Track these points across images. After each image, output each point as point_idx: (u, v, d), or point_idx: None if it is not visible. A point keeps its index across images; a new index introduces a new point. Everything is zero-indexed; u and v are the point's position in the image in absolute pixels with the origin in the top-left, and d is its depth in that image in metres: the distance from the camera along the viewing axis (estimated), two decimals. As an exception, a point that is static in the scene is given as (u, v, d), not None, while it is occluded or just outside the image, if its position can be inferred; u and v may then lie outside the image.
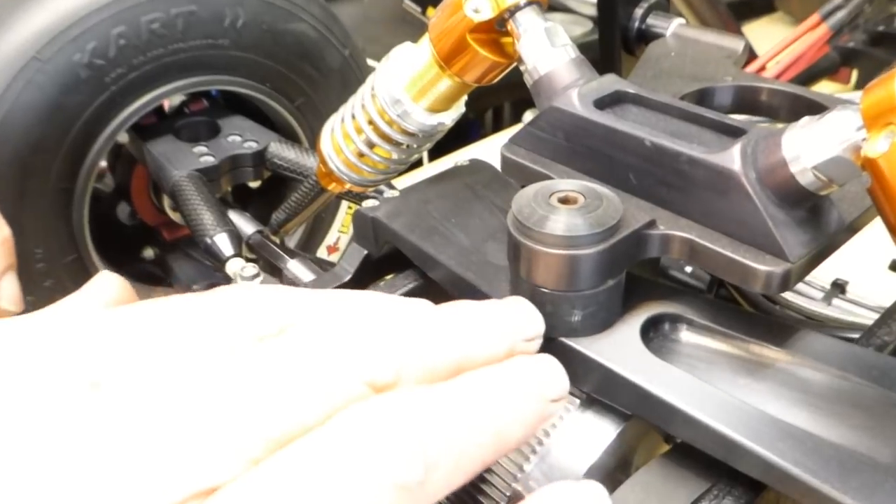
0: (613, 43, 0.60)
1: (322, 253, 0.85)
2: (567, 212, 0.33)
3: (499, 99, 1.73)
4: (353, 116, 0.49)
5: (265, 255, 0.62)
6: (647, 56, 0.54)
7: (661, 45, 0.56)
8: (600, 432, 0.37)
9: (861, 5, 0.88)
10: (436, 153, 1.14)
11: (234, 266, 0.56)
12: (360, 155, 0.50)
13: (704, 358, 0.36)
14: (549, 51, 0.40)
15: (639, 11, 0.60)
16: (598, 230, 0.32)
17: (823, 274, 0.66)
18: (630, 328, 0.36)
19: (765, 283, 0.32)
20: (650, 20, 0.60)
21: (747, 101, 0.47)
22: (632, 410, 0.35)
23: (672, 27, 0.58)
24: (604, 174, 0.38)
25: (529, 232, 0.33)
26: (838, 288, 0.65)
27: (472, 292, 0.40)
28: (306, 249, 0.82)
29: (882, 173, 0.28)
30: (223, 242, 0.59)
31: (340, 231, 0.85)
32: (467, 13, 0.41)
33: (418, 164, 1.12)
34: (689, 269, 0.67)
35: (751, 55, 0.98)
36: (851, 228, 0.35)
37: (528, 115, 0.61)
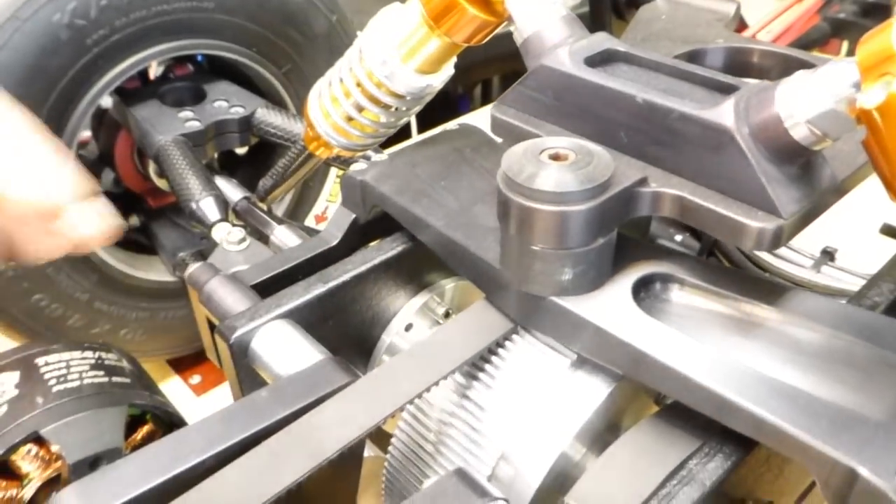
0: (604, 7, 0.60)
1: (310, 222, 0.84)
2: (557, 168, 0.32)
3: (488, 73, 1.71)
4: (341, 79, 0.48)
5: (252, 222, 0.61)
6: (637, 19, 0.54)
7: (651, 8, 0.55)
8: (590, 393, 0.36)
9: (853, -27, 0.87)
10: (425, 125, 1.13)
11: (221, 231, 0.55)
12: (349, 118, 0.49)
13: (696, 317, 0.36)
14: (538, 8, 0.39)
15: (630, -26, 0.59)
16: (589, 186, 0.32)
17: (813, 241, 0.66)
18: (621, 288, 0.35)
19: (756, 239, 0.32)
20: (642, -17, 0.59)
21: (739, 62, 0.46)
22: (623, 370, 0.34)
23: (664, -10, 0.57)
24: (594, 133, 0.37)
25: (519, 188, 0.32)
26: (827, 255, 0.65)
27: (460, 253, 0.39)
28: (294, 218, 0.81)
29: (877, 124, 0.27)
30: (209, 207, 0.58)
31: (328, 200, 0.84)
32: (456, -31, 0.40)
33: (406, 135, 1.11)
34: (678, 237, 0.67)
35: (741, 25, 0.97)
36: (844, 187, 0.35)
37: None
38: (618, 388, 0.37)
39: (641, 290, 0.36)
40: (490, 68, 1.67)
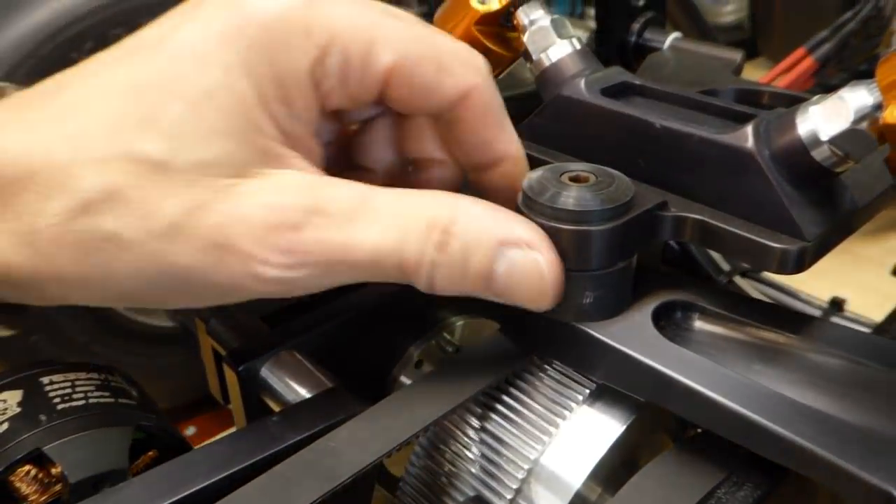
0: (611, 55, 0.61)
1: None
2: (578, 188, 0.32)
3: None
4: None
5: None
6: (645, 65, 0.55)
7: (659, 55, 0.56)
8: (607, 427, 0.35)
9: (846, 37, 0.89)
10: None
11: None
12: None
13: (718, 345, 0.35)
14: (555, 41, 0.40)
15: (636, 26, 0.61)
16: (611, 206, 0.32)
17: (822, 291, 0.66)
18: (642, 315, 0.35)
19: (780, 261, 0.32)
20: (647, 34, 0.61)
21: (749, 104, 0.47)
22: (646, 397, 0.33)
23: (669, 40, 0.58)
24: (612, 161, 0.37)
25: (541, 208, 0.32)
26: (837, 305, 0.64)
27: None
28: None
29: (902, 140, 0.28)
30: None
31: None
32: (473, 4, 0.41)
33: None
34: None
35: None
36: (864, 214, 0.35)
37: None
38: (635, 422, 0.36)
39: (662, 317, 0.35)
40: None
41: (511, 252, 0.30)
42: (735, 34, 1.69)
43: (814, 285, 0.66)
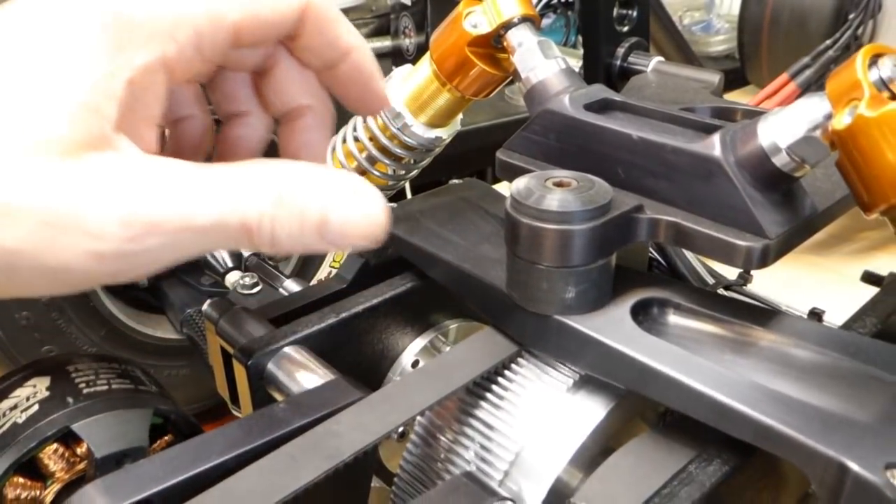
0: (597, 79, 0.64)
1: (313, 287, 0.86)
2: (562, 192, 0.35)
3: (482, 163, 1.77)
4: (356, 136, 0.52)
5: (261, 275, 0.64)
6: (629, 87, 0.58)
7: (642, 78, 0.60)
8: (588, 414, 0.38)
9: (827, 64, 0.93)
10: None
11: (233, 277, 0.57)
12: (362, 172, 0.52)
13: (692, 338, 0.38)
14: (542, 61, 0.44)
15: (621, 50, 0.64)
16: (591, 207, 0.35)
17: (800, 303, 0.68)
18: (621, 309, 0.38)
19: (745, 257, 0.35)
20: (632, 58, 0.64)
21: (724, 120, 0.50)
22: (625, 384, 0.36)
23: (652, 64, 0.62)
24: (593, 170, 0.40)
25: (527, 209, 0.35)
26: (815, 317, 0.67)
27: (470, 282, 0.42)
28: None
29: (847, 144, 0.31)
30: (222, 255, 0.60)
31: (332, 266, 0.87)
32: (466, 28, 0.45)
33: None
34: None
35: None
36: (823, 217, 0.38)
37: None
38: (615, 410, 0.38)
39: (640, 313, 0.38)
40: (485, 158, 1.74)
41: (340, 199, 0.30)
42: (726, 63, 1.73)
43: (795, 301, 0.69)
